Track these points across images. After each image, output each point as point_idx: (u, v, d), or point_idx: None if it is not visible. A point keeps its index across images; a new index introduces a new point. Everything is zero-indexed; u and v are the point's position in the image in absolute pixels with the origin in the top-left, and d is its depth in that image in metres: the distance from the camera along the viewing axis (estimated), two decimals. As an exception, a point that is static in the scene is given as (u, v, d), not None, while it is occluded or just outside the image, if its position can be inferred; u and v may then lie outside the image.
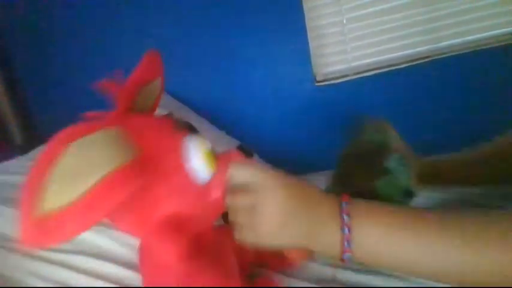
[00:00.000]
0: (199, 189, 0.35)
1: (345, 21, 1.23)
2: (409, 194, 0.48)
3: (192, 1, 1.26)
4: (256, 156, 0.49)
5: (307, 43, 1.23)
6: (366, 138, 0.51)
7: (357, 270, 0.55)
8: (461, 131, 1.22)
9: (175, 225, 0.34)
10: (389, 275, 0.54)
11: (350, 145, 0.53)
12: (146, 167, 0.31)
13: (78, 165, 0.27)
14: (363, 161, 0.50)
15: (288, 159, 1.32)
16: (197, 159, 0.35)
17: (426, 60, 1.18)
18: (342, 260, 0.35)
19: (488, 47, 1.14)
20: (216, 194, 0.37)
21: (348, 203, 0.36)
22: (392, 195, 0.47)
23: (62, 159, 0.26)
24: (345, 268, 0.56)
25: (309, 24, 1.23)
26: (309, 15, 1.22)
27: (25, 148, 0.89)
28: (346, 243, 0.34)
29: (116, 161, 0.28)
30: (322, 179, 0.60)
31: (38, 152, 0.83)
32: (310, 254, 0.41)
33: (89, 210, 0.26)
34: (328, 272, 0.54)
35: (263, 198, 0.34)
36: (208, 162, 0.36)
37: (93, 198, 0.26)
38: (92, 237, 0.55)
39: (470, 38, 1.16)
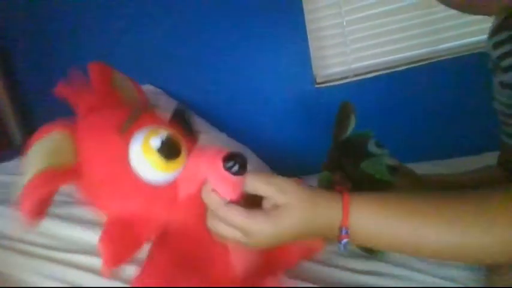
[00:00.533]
0: (153, 189, 0.33)
1: (345, 23, 1.23)
2: (393, 169, 0.53)
3: (193, 3, 1.26)
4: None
5: (308, 45, 1.24)
6: (345, 126, 0.56)
7: (357, 270, 0.55)
8: (461, 132, 1.22)
9: (120, 228, 0.33)
10: (389, 275, 0.55)
11: (334, 136, 0.58)
12: (76, 172, 0.32)
13: (27, 160, 0.31)
14: (348, 149, 0.57)
15: (288, 161, 1.33)
16: (139, 161, 0.32)
17: (426, 62, 1.19)
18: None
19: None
20: (185, 191, 0.35)
21: (346, 223, 0.37)
22: (378, 173, 0.53)
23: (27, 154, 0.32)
24: (345, 269, 0.56)
25: (309, 26, 1.23)
26: (309, 17, 1.23)
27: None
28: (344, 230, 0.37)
29: (44, 164, 0.30)
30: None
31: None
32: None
33: (23, 201, 0.29)
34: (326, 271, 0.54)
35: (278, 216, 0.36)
36: (157, 161, 0.32)
37: (24, 194, 0.29)
38: (93, 238, 0.55)
39: (470, 40, 1.17)
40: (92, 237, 0.55)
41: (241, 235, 0.36)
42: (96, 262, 0.52)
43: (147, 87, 1.28)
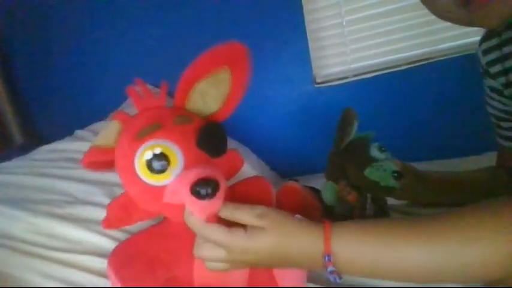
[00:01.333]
0: (147, 187, 0.42)
1: (344, 24, 1.23)
2: (397, 174, 0.51)
3: (192, 3, 1.26)
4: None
5: (307, 45, 1.24)
6: (348, 133, 0.55)
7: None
8: (461, 132, 1.22)
9: (125, 204, 0.44)
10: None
11: (336, 143, 0.57)
12: (111, 153, 0.44)
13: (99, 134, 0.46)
14: (350, 154, 0.55)
15: (287, 161, 1.33)
16: (137, 165, 0.41)
17: (426, 62, 1.19)
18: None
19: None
20: (168, 199, 0.41)
21: (330, 254, 0.37)
22: (383, 180, 0.52)
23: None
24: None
25: (309, 26, 1.23)
26: (308, 17, 1.23)
27: (25, 148, 0.89)
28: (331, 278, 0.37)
29: (98, 141, 0.44)
30: (321, 181, 0.60)
31: (38, 152, 0.84)
32: None
33: (82, 159, 0.44)
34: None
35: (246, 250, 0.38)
36: (145, 171, 0.41)
37: (83, 156, 0.44)
38: (94, 238, 0.55)
39: (469, 40, 1.17)
40: (92, 237, 0.55)
41: (225, 253, 0.38)
42: (97, 262, 0.52)
43: (147, 87, 1.27)
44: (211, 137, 0.44)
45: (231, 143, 1.17)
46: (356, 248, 0.37)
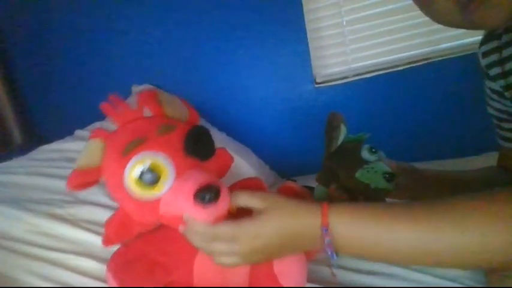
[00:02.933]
0: (141, 203, 0.41)
1: (344, 23, 1.23)
2: (390, 176, 0.50)
3: (192, 2, 1.26)
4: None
5: (307, 45, 1.24)
6: (335, 137, 0.54)
7: (357, 270, 0.55)
8: (461, 132, 1.22)
9: (122, 219, 0.43)
10: (389, 275, 0.55)
11: (326, 147, 0.56)
12: (98, 173, 0.42)
13: (81, 152, 0.44)
14: (341, 157, 0.54)
15: (287, 161, 1.33)
16: (127, 182, 0.40)
17: (426, 62, 1.19)
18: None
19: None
20: (164, 210, 0.42)
21: (327, 228, 0.38)
22: (374, 182, 0.50)
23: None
24: (346, 269, 0.56)
25: (309, 26, 1.23)
26: (308, 17, 1.23)
27: (25, 148, 0.89)
28: (329, 251, 0.39)
29: (82, 162, 0.42)
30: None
31: (38, 152, 0.84)
32: None
33: (68, 182, 0.42)
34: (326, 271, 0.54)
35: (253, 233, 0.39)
36: (137, 187, 0.40)
37: (68, 178, 0.42)
38: (91, 239, 0.55)
39: (470, 40, 1.17)
40: (91, 238, 0.55)
41: (236, 245, 0.39)
42: (96, 264, 0.52)
43: (147, 87, 1.28)
44: (198, 141, 0.44)
45: (231, 143, 1.17)
46: (352, 224, 0.38)
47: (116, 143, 0.42)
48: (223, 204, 0.40)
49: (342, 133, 0.53)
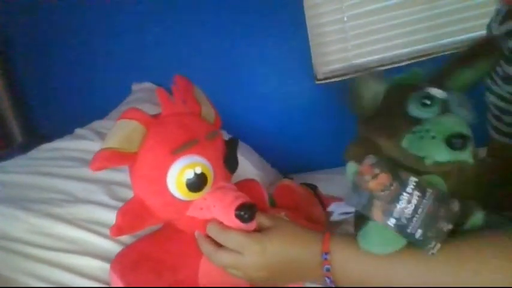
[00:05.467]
0: (171, 198, 0.42)
1: (345, 19, 1.22)
2: (458, 140, 0.31)
3: (192, 0, 1.25)
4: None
5: (308, 41, 1.23)
6: (365, 94, 0.38)
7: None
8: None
9: (138, 211, 0.43)
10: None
11: (353, 106, 0.41)
12: (133, 159, 0.41)
13: (110, 132, 0.41)
14: (380, 118, 0.37)
15: (288, 158, 1.32)
16: (171, 181, 0.41)
17: (428, 57, 1.17)
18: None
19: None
20: (193, 213, 0.43)
21: (328, 253, 0.38)
22: (428, 153, 0.32)
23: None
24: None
25: (310, 22, 1.22)
26: (309, 13, 1.22)
27: (25, 148, 0.89)
28: (327, 280, 0.39)
29: (115, 144, 0.39)
30: (322, 178, 0.60)
31: (38, 151, 0.83)
32: None
33: (92, 162, 0.39)
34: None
35: (246, 261, 0.40)
36: (182, 189, 0.41)
37: (94, 158, 0.39)
38: (91, 238, 0.55)
39: (472, 35, 1.15)
40: (92, 238, 0.55)
41: (238, 254, 0.40)
42: (97, 264, 0.52)
43: (147, 85, 1.27)
44: (234, 153, 0.47)
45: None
46: (352, 253, 0.37)
47: (166, 137, 0.42)
48: (254, 224, 0.43)
49: (371, 87, 0.37)
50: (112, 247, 0.53)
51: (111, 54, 1.34)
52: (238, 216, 0.40)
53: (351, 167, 0.37)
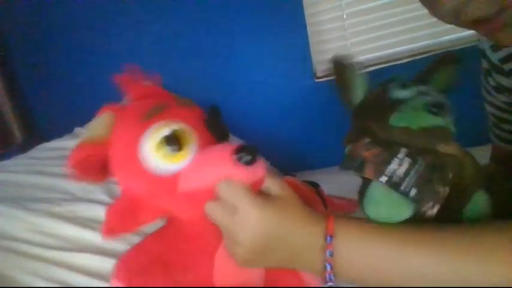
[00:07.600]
0: (155, 177, 0.36)
1: (345, 16, 1.22)
2: (436, 107, 0.36)
3: (191, -2, 1.25)
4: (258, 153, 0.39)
5: (307, 39, 1.22)
6: (350, 80, 0.42)
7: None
8: (463, 127, 1.21)
9: (127, 205, 0.38)
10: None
11: (343, 97, 0.44)
12: (106, 147, 0.38)
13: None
14: (369, 108, 0.40)
15: (287, 156, 1.32)
16: (146, 150, 0.36)
17: (427, 54, 1.17)
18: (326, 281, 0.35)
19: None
20: (185, 185, 0.36)
21: (332, 236, 0.34)
22: (413, 122, 0.36)
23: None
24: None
25: (309, 19, 1.22)
26: (308, 10, 1.21)
27: (25, 147, 0.89)
28: (328, 267, 0.34)
29: (87, 135, 0.38)
30: (320, 177, 0.59)
31: (37, 150, 0.84)
32: None
33: (68, 159, 0.37)
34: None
35: (239, 226, 0.35)
36: (161, 152, 0.36)
37: (70, 155, 0.37)
38: (92, 237, 0.55)
39: (471, 32, 1.15)
40: (89, 235, 0.55)
41: (232, 209, 0.35)
42: (96, 261, 0.52)
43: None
44: (218, 119, 0.42)
45: (231, 139, 1.17)
46: (359, 237, 0.34)
47: (133, 111, 0.38)
48: (261, 169, 0.36)
49: (356, 76, 0.41)
50: (112, 243, 0.53)
51: (111, 53, 1.34)
52: (238, 160, 0.34)
53: (348, 149, 0.40)
